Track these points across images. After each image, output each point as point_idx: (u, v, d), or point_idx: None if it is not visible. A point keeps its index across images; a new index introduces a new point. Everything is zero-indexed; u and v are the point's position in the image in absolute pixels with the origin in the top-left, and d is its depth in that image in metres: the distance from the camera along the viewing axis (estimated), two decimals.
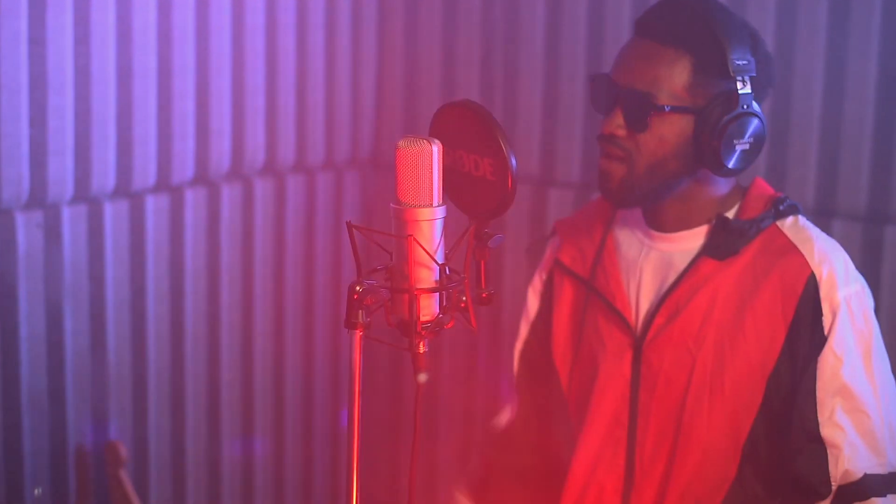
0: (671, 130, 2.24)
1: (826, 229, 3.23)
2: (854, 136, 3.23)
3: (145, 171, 3.24)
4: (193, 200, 3.39)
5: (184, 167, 3.34)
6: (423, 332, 1.85)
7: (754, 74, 2.24)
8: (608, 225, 2.44)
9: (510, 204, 1.89)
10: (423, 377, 1.88)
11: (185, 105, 3.32)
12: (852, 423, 2.21)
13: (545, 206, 3.62)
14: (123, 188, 3.21)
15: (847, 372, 2.22)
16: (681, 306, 2.30)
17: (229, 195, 3.49)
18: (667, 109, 2.22)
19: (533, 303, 2.57)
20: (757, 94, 2.26)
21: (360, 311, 1.81)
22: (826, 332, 2.22)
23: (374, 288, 1.82)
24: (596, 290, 2.39)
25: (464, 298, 1.90)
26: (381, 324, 1.92)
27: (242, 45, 3.46)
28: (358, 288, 1.80)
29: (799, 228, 2.30)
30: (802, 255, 2.25)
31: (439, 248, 1.84)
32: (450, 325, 1.88)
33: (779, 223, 2.30)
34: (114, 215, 3.19)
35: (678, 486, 2.30)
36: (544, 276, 2.55)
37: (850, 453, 2.20)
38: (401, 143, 1.82)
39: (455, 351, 3.83)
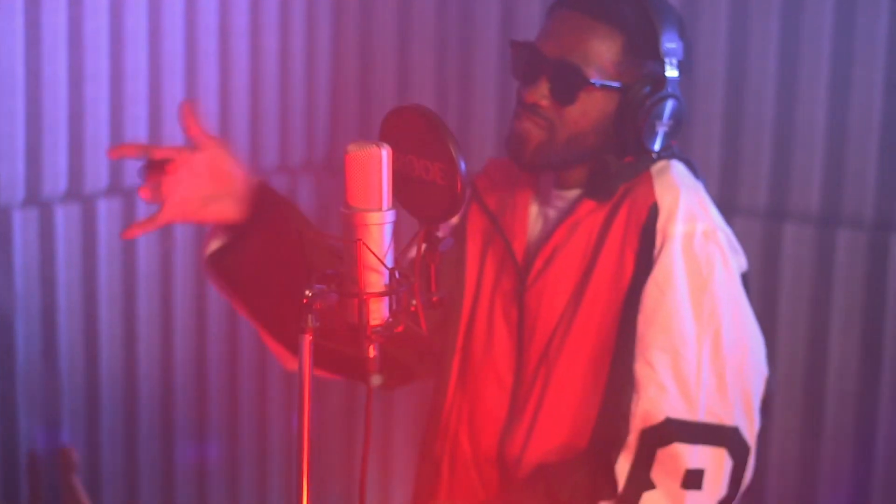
0: (595, 106, 2.22)
1: (777, 232, 3.27)
2: (807, 139, 3.24)
3: (97, 174, 3.23)
4: (146, 204, 3.37)
5: (136, 170, 3.32)
6: (373, 337, 1.86)
7: (682, 58, 2.23)
8: (530, 178, 2.42)
9: (460, 208, 1.90)
10: (375, 380, 1.88)
11: (137, 108, 3.31)
12: (667, 362, 2.15)
13: None
14: (75, 191, 3.19)
15: (669, 307, 2.16)
16: (557, 251, 2.28)
17: None
18: (597, 85, 2.20)
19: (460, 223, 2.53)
20: (682, 77, 2.25)
21: (310, 316, 1.80)
22: (654, 262, 2.17)
23: (324, 292, 1.82)
24: (501, 230, 2.38)
25: (413, 302, 1.90)
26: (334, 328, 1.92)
27: (196, 49, 3.45)
28: (307, 292, 1.80)
29: (666, 166, 2.27)
30: (652, 186, 2.21)
31: (389, 253, 1.85)
32: (399, 330, 1.88)
33: (654, 166, 2.27)
34: (65, 219, 3.18)
35: (543, 431, 2.27)
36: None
37: (655, 394, 2.14)
38: (350, 147, 1.82)
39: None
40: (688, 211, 2.20)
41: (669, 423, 2.14)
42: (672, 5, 2.29)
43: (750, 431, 2.20)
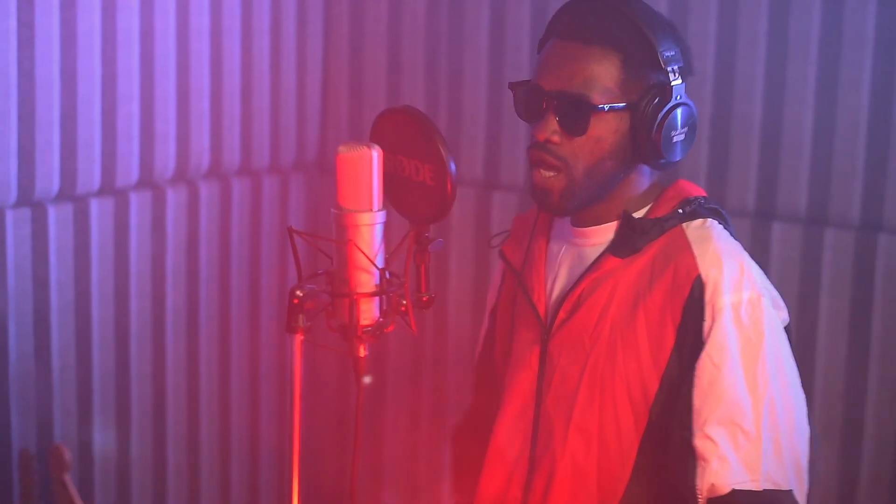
0: (608, 129, 2.19)
1: (766, 232, 3.28)
2: (794, 139, 3.26)
3: (90, 175, 3.24)
4: (138, 204, 3.39)
5: (128, 170, 3.34)
6: (364, 336, 1.87)
7: (682, 64, 2.21)
8: (546, 222, 2.42)
9: (450, 209, 1.91)
10: (366, 380, 1.89)
11: (129, 108, 3.31)
12: (727, 435, 2.15)
13: (489, 209, 3.63)
14: (68, 192, 3.20)
15: (725, 381, 2.15)
16: (581, 302, 2.26)
17: (174, 199, 3.49)
18: (605, 109, 2.18)
19: (492, 295, 2.54)
20: (686, 82, 2.24)
21: (301, 316, 1.82)
22: (705, 338, 2.16)
23: (315, 292, 1.83)
24: (522, 283, 2.39)
25: (404, 302, 1.91)
26: (325, 328, 1.93)
27: (188, 49, 3.46)
28: (298, 292, 1.81)
29: (703, 230, 2.24)
30: (694, 257, 2.19)
31: (379, 253, 1.86)
32: (390, 329, 1.90)
33: (685, 224, 2.25)
34: (58, 219, 3.18)
35: (565, 484, 2.27)
36: (500, 268, 2.54)
37: (719, 466, 2.14)
38: (341, 148, 1.83)
39: (401, 354, 3.84)
40: (732, 281, 2.18)
41: (735, 494, 2.15)
42: (661, 14, 2.27)
43: (801, 493, 2.22)
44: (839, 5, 3.18)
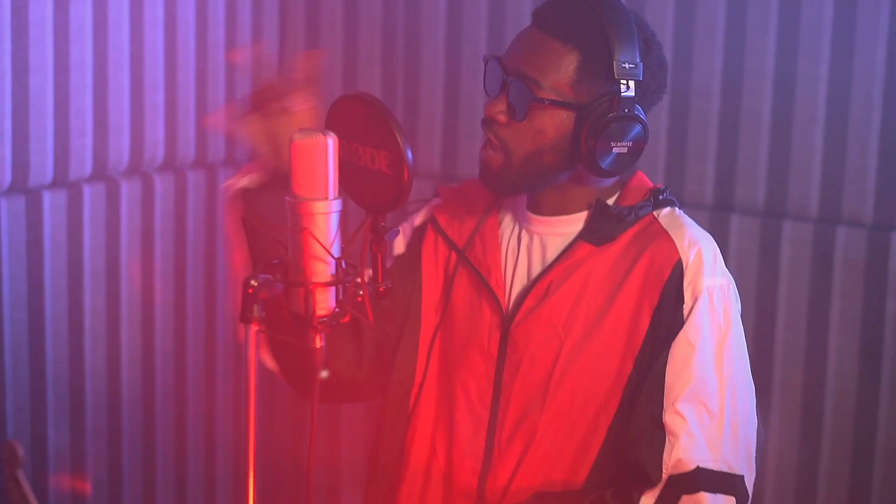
0: (550, 123, 2.22)
1: (724, 225, 3.28)
2: (752, 132, 3.27)
3: (42, 168, 3.20)
4: (92, 197, 3.36)
5: (82, 163, 3.30)
6: (320, 327, 1.85)
7: (640, 79, 2.21)
8: (494, 202, 2.42)
9: (406, 197, 1.89)
10: (323, 373, 1.87)
11: (83, 100, 3.28)
12: (695, 412, 2.19)
13: None
14: (20, 184, 3.16)
15: (698, 361, 2.20)
16: (552, 289, 2.28)
17: (129, 191, 3.46)
18: (546, 102, 2.20)
19: (400, 244, 2.51)
20: (643, 98, 2.24)
21: (255, 306, 1.79)
22: (685, 318, 2.21)
23: (270, 282, 1.81)
24: (469, 262, 2.38)
25: (360, 292, 1.90)
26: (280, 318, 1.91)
27: (141, 40, 3.43)
28: (252, 282, 1.79)
29: (674, 217, 2.30)
30: (673, 241, 2.24)
31: (335, 242, 1.84)
32: (346, 320, 1.88)
33: (656, 212, 2.30)
34: (10, 212, 3.15)
35: (532, 468, 2.29)
36: (416, 224, 2.52)
37: (686, 443, 2.18)
38: (296, 135, 1.81)
39: None
40: (710, 265, 2.24)
41: (698, 471, 2.18)
42: (642, 24, 2.28)
43: (750, 480, 2.26)
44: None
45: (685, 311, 2.21)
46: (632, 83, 2.21)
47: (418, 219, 2.51)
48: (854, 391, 3.22)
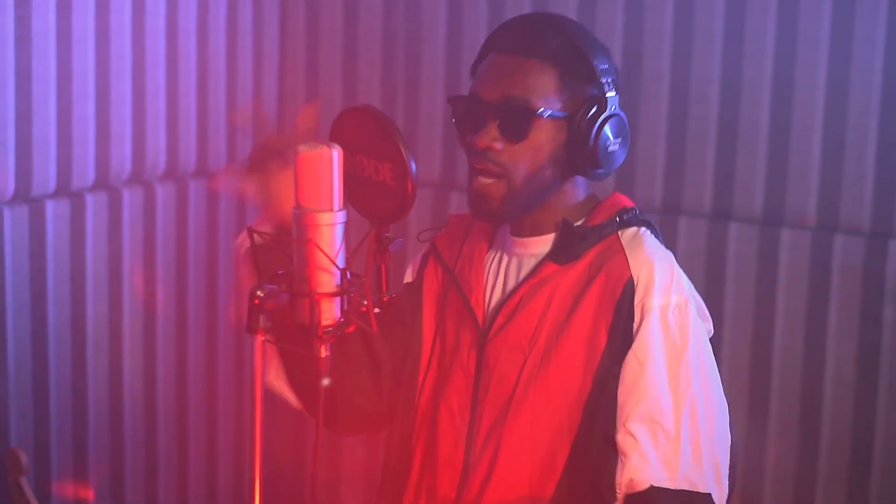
0: (547, 137, 2.22)
1: (722, 233, 3.30)
2: (750, 140, 3.28)
3: (45, 177, 3.21)
4: (94, 206, 3.37)
5: (84, 172, 3.32)
6: (325, 337, 1.86)
7: (615, 77, 2.26)
8: (485, 227, 2.43)
9: (410, 208, 1.91)
10: (326, 381, 1.89)
11: (85, 109, 3.29)
12: (647, 432, 2.19)
13: (446, 209, 3.63)
14: (23, 194, 3.17)
15: (648, 379, 2.19)
16: (520, 307, 2.29)
17: (131, 200, 3.47)
18: (546, 114, 2.20)
19: (409, 274, 2.53)
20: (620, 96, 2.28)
21: (261, 316, 1.81)
22: (633, 336, 2.20)
23: (275, 293, 1.83)
24: (457, 283, 2.40)
25: (364, 302, 1.91)
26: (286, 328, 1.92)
27: (143, 49, 3.44)
28: (258, 293, 1.80)
29: (636, 237, 2.29)
30: (626, 260, 2.23)
31: (340, 253, 1.85)
32: (350, 330, 1.89)
33: (621, 232, 2.29)
34: (13, 221, 3.16)
35: (500, 482, 2.29)
36: (423, 252, 2.54)
37: (638, 462, 2.18)
38: (301, 147, 1.83)
39: None
40: (662, 284, 2.22)
41: (652, 490, 2.18)
42: (591, 33, 2.31)
43: (720, 497, 2.24)
44: (794, 5, 3.20)
45: (634, 329, 2.21)
46: (611, 82, 2.25)
47: (426, 247, 2.53)
48: (852, 397, 3.23)
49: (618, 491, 2.19)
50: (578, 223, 2.32)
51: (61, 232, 3.29)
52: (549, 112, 2.21)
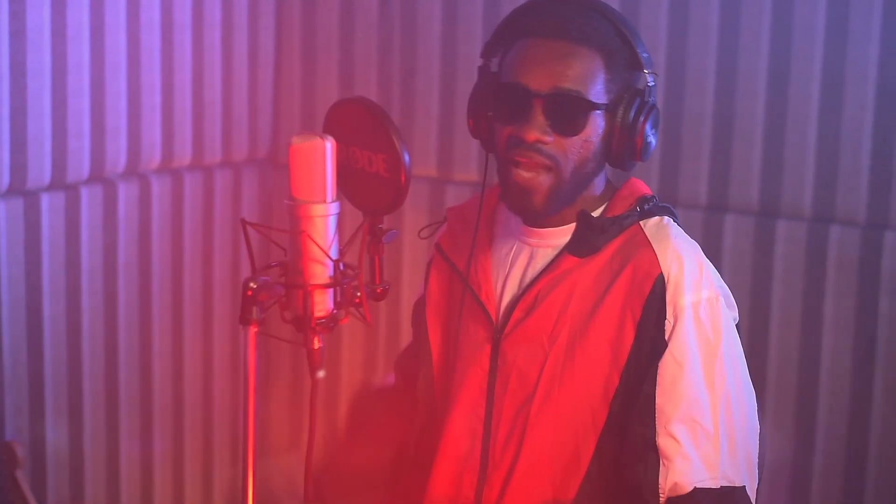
0: (594, 130, 2.16)
1: (718, 224, 3.30)
2: (746, 132, 3.28)
3: (40, 170, 3.21)
4: (89, 199, 3.37)
5: (80, 165, 3.32)
6: (318, 328, 1.86)
7: (654, 67, 2.21)
8: (488, 217, 2.38)
9: (403, 200, 1.90)
10: (321, 373, 1.88)
11: (80, 103, 3.29)
12: (688, 433, 2.15)
13: (442, 201, 3.63)
14: (18, 186, 3.17)
15: (687, 380, 2.15)
16: (538, 301, 2.24)
17: (126, 193, 3.47)
18: (601, 108, 2.14)
19: (421, 286, 2.53)
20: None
21: (255, 308, 1.80)
22: (667, 337, 2.16)
23: (269, 284, 1.82)
24: (464, 279, 2.34)
25: (358, 294, 1.91)
26: (279, 320, 1.92)
27: (138, 43, 3.44)
28: (252, 284, 1.80)
29: (660, 227, 2.23)
30: (655, 254, 2.18)
31: (333, 244, 1.85)
32: (344, 321, 1.89)
33: (643, 222, 2.23)
34: (8, 214, 3.16)
35: (523, 481, 2.26)
36: (429, 259, 2.52)
37: (682, 465, 2.14)
38: (294, 139, 1.83)
39: (354, 346, 3.84)
40: (692, 280, 2.18)
41: (697, 492, 2.15)
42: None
43: (752, 488, 2.22)
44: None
45: (668, 329, 2.16)
46: (653, 71, 2.20)
47: (431, 254, 2.49)
48: (848, 390, 3.23)
49: (661, 495, 2.15)
50: (597, 213, 2.25)
51: (57, 225, 3.29)
52: (602, 105, 2.15)
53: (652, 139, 2.21)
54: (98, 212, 3.40)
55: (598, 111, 2.15)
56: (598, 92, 2.15)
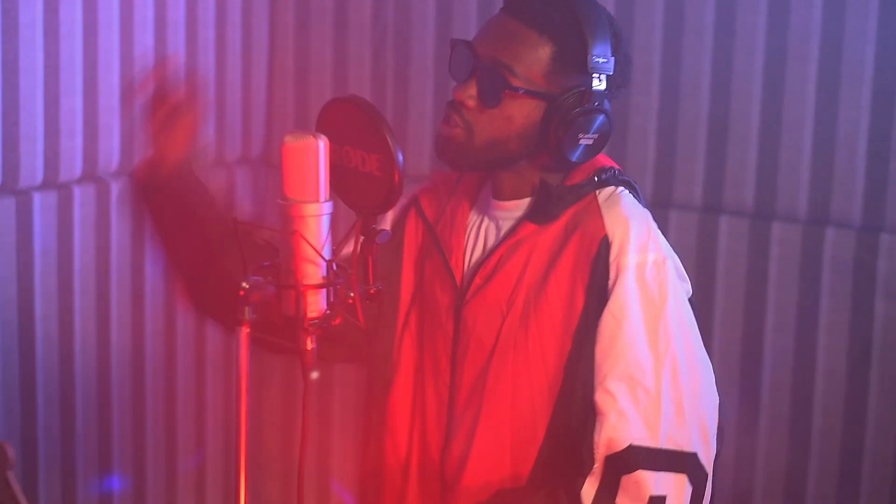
0: (520, 112, 2.23)
1: (713, 226, 3.29)
2: (741, 133, 3.27)
3: (32, 169, 3.20)
4: (82, 198, 3.36)
5: (72, 164, 3.30)
6: (311, 329, 1.85)
7: (611, 73, 2.23)
8: (471, 190, 2.42)
9: (397, 199, 1.90)
10: (314, 374, 1.88)
11: (72, 101, 3.28)
12: (627, 390, 2.16)
13: None
14: (10, 185, 3.16)
15: (625, 337, 2.17)
16: (498, 269, 2.29)
17: (118, 192, 3.46)
18: (520, 91, 2.20)
19: (386, 221, 2.52)
20: (611, 92, 2.25)
21: (246, 308, 1.80)
22: (609, 295, 2.19)
23: (261, 284, 1.82)
24: (437, 243, 2.39)
25: (351, 294, 1.90)
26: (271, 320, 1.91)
27: (131, 41, 3.43)
28: (244, 284, 1.79)
29: (613, 196, 2.28)
30: (602, 218, 2.22)
31: (326, 244, 1.85)
32: (337, 322, 1.88)
33: (598, 192, 2.29)
34: (0, 213, 3.15)
35: (481, 448, 2.28)
36: (404, 202, 2.52)
37: (617, 421, 2.15)
38: (287, 137, 1.82)
39: None
40: (638, 242, 2.21)
41: (632, 449, 2.15)
42: (611, 19, 2.28)
43: (707, 457, 2.22)
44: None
45: (609, 288, 2.19)
46: (603, 77, 2.23)
47: (405, 199, 2.50)
48: (843, 392, 3.23)
49: (596, 452, 2.16)
50: (556, 183, 2.30)
51: (49, 224, 3.28)
52: (525, 89, 2.21)
53: (585, 140, 2.24)
54: (91, 211, 3.39)
55: (530, 95, 2.21)
56: (531, 79, 2.22)
